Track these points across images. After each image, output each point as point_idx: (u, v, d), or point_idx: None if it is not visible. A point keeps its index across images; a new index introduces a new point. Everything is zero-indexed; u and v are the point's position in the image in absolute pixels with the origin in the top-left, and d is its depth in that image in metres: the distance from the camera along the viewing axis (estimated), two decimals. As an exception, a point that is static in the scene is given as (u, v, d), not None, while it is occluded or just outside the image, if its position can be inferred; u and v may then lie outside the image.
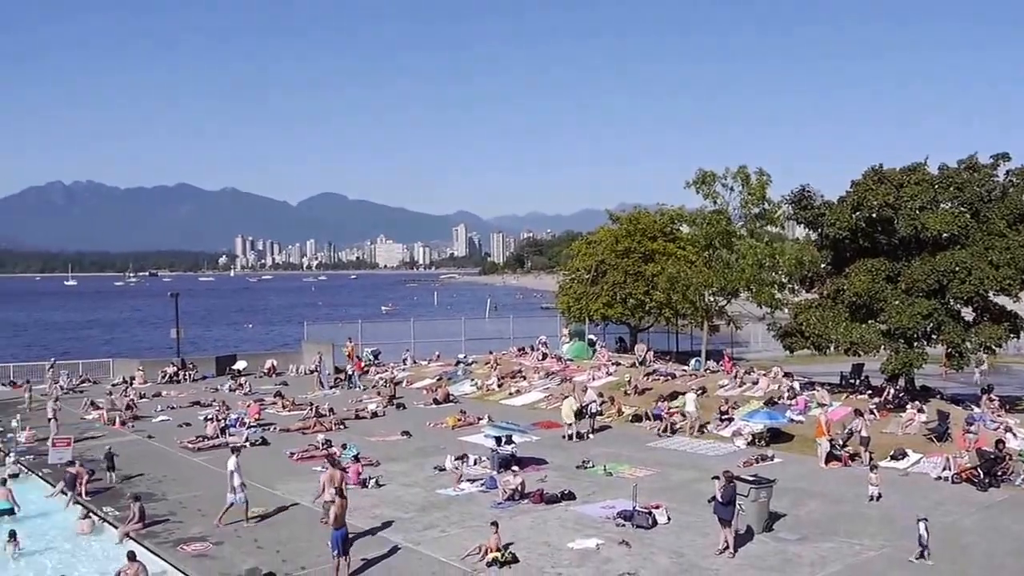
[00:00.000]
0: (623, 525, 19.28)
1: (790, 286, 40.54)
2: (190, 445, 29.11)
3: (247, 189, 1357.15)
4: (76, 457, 25.77)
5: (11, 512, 22.06)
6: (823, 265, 35.06)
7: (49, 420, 31.16)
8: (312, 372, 45.42)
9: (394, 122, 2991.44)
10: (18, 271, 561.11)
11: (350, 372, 43.60)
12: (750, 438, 28.26)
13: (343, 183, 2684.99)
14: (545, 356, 44.45)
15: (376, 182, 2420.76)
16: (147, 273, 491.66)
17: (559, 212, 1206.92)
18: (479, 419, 31.72)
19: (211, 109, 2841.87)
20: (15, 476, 24.86)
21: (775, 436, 28.11)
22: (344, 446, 27.11)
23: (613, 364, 41.22)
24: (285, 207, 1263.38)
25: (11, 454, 27.87)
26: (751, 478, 19.46)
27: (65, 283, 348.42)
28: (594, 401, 31.36)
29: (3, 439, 30.57)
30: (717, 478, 17.78)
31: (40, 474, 25.98)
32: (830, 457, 25.22)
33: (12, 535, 19.12)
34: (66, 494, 22.94)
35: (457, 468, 24.36)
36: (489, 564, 16.79)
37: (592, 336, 49.00)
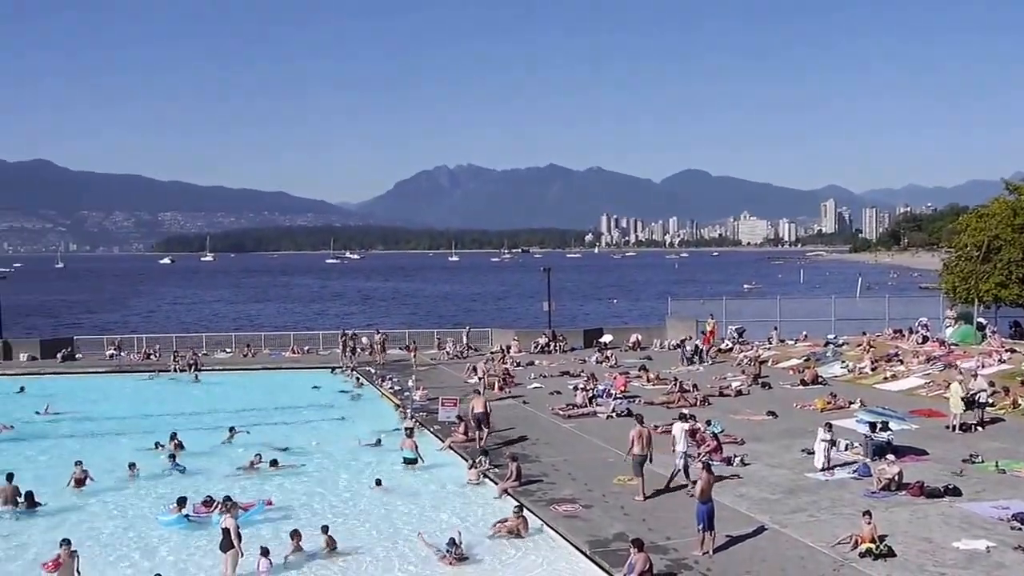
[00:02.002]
0: (1020, 529, 17.35)
1: None
2: (561, 412, 30.64)
3: (612, 168, 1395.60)
4: (461, 415, 28.33)
5: (415, 461, 24.73)
6: None
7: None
8: (676, 348, 45.79)
9: (758, 96, 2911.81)
10: (410, 247, 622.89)
11: (700, 347, 43.46)
12: None
13: (706, 159, 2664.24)
14: (926, 339, 41.07)
15: (741, 157, 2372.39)
16: (520, 250, 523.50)
17: (940, 184, 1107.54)
18: (850, 403, 30.10)
19: (575, 92, 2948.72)
20: (410, 432, 27.65)
21: None
22: (708, 423, 27.01)
23: (1007, 351, 37.09)
24: (649, 185, 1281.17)
25: (409, 410, 31.17)
26: None
27: (449, 259, 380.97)
28: (984, 390, 28.44)
29: (402, 397, 34.24)
30: None
31: (431, 430, 28.78)
32: None
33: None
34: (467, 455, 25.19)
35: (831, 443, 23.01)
36: (862, 555, 15.89)
37: (981, 319, 44.43)
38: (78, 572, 15.32)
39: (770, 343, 45.95)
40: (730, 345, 45.85)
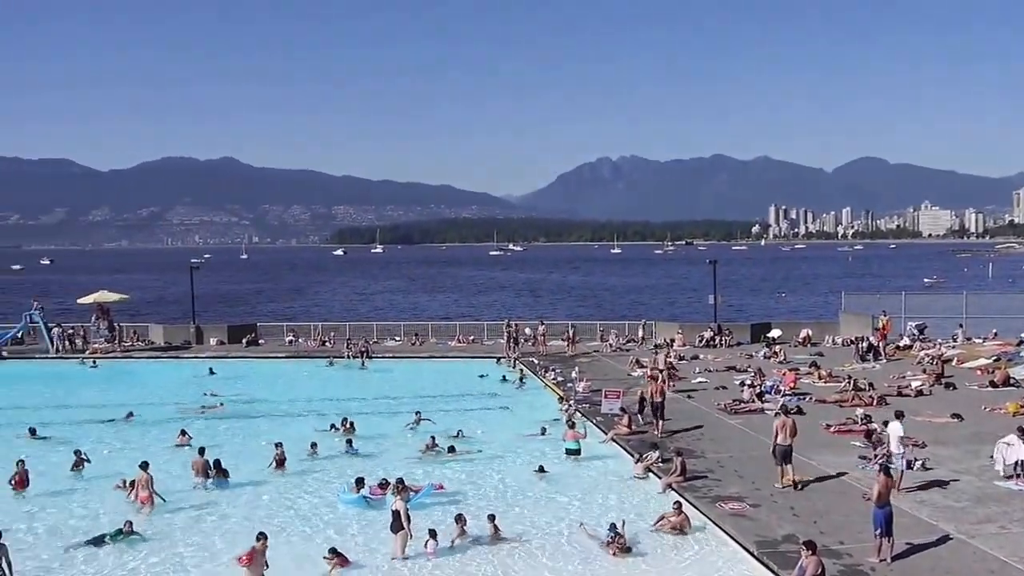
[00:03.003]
0: None
1: None
2: (727, 408, 29.98)
3: (780, 157, 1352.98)
4: (625, 407, 28.19)
5: (578, 452, 24.85)
6: None
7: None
8: (850, 344, 43.93)
9: (941, 75, 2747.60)
10: (572, 239, 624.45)
11: (876, 344, 41.38)
12: None
13: (884, 146, 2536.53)
14: None
15: (922, 143, 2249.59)
16: (683, 242, 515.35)
17: None
18: (1046, 407, 28.02)
19: (740, 80, 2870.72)
20: (572, 424, 27.70)
21: None
22: (886, 423, 25.76)
23: None
24: (820, 174, 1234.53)
25: (571, 401, 31.28)
26: None
27: (611, 251, 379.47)
28: None
29: (565, 388, 34.39)
30: None
31: (594, 421, 28.76)
32: None
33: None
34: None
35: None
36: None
37: None
38: (266, 562, 16.04)
39: (954, 341, 43.33)
40: (909, 343, 43.57)
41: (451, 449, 25.37)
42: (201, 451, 23.45)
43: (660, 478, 21.61)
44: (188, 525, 19.62)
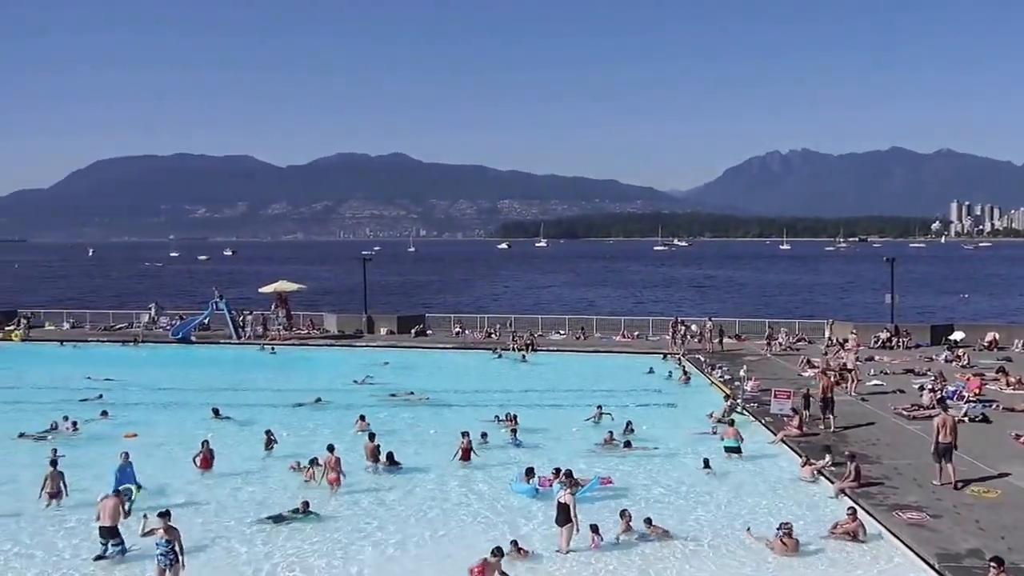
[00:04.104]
0: None
1: None
2: (904, 412, 28.57)
3: (964, 150, 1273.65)
4: (796, 407, 27.39)
5: (738, 450, 24.32)
6: None
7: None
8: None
9: None
10: (739, 235, 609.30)
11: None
12: None
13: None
14: None
15: None
16: (856, 239, 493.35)
17: None
18: None
19: (918, 69, 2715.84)
20: (732, 422, 27.08)
21: None
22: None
23: None
24: (1008, 168, 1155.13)
25: (739, 400, 30.63)
26: None
27: (780, 247, 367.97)
28: None
29: (731, 386, 33.68)
30: None
31: (763, 421, 28.05)
32: None
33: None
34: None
35: None
36: None
37: None
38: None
39: None
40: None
41: (627, 444, 25.36)
42: (371, 436, 24.35)
43: (832, 483, 20.87)
44: (359, 508, 20.45)
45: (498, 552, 15.47)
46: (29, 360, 45.35)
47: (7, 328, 52.84)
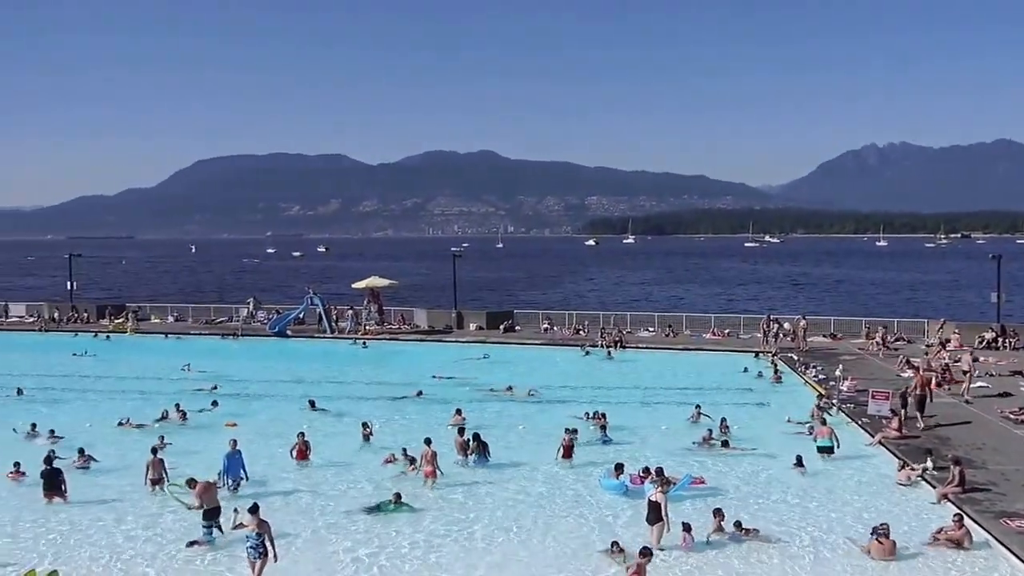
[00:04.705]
0: None
1: None
2: (1012, 416, 27.45)
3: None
4: (894, 408, 26.62)
5: (830, 450, 23.78)
6: None
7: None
8: None
9: None
10: (833, 231, 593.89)
11: None
12: None
13: None
14: None
15: None
16: (958, 235, 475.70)
17: None
18: None
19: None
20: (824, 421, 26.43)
21: None
22: None
23: None
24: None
25: (834, 400, 29.91)
26: None
27: (877, 243, 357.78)
28: None
29: (827, 386, 32.89)
30: None
31: (859, 423, 27.32)
32: None
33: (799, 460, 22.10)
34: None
35: None
36: None
37: None
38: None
39: None
40: None
41: (725, 443, 25.04)
42: (461, 431, 24.59)
43: (934, 487, 20.22)
44: (450, 501, 20.66)
45: (646, 552, 15.36)
46: (139, 351, 47.37)
47: (116, 320, 55.06)
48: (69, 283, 66.44)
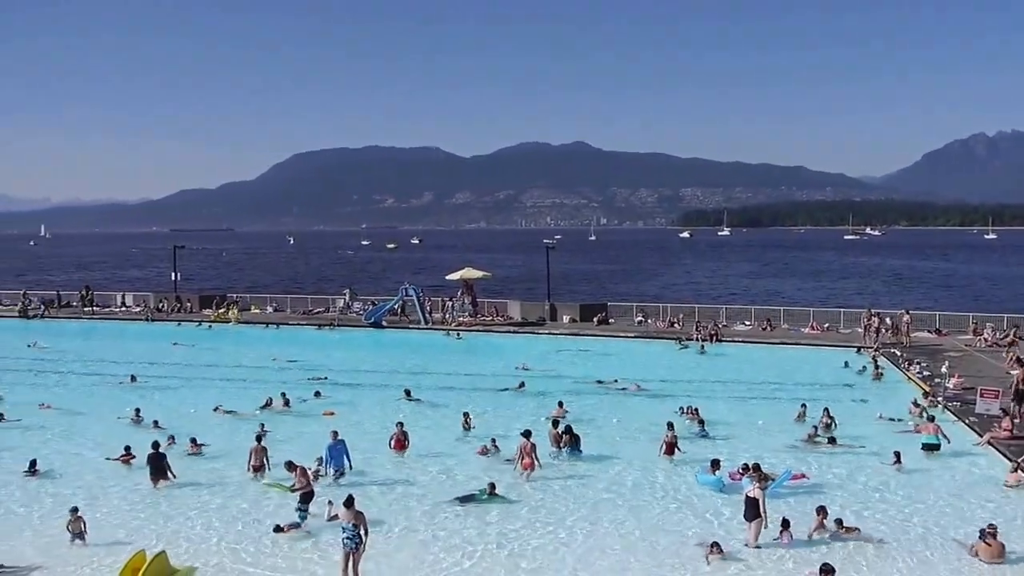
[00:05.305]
0: None
1: None
2: None
3: None
4: (1004, 408, 25.65)
5: (936, 447, 23.08)
6: None
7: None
8: None
9: None
10: (938, 223, 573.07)
11: None
12: None
13: None
14: None
15: None
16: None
17: None
18: None
19: None
20: (932, 418, 25.61)
21: None
22: None
23: None
24: None
25: (939, 397, 28.94)
26: None
27: (985, 236, 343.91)
28: None
29: (931, 383, 31.82)
30: None
31: (967, 422, 26.38)
32: None
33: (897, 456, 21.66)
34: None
35: None
36: None
37: None
38: None
39: None
40: None
41: (831, 440, 24.43)
42: (555, 423, 24.66)
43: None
44: (543, 493, 20.77)
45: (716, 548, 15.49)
46: (242, 340, 48.91)
47: (219, 311, 56.87)
48: (173, 274, 68.92)
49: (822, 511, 17.49)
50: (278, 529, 17.90)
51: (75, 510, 17.76)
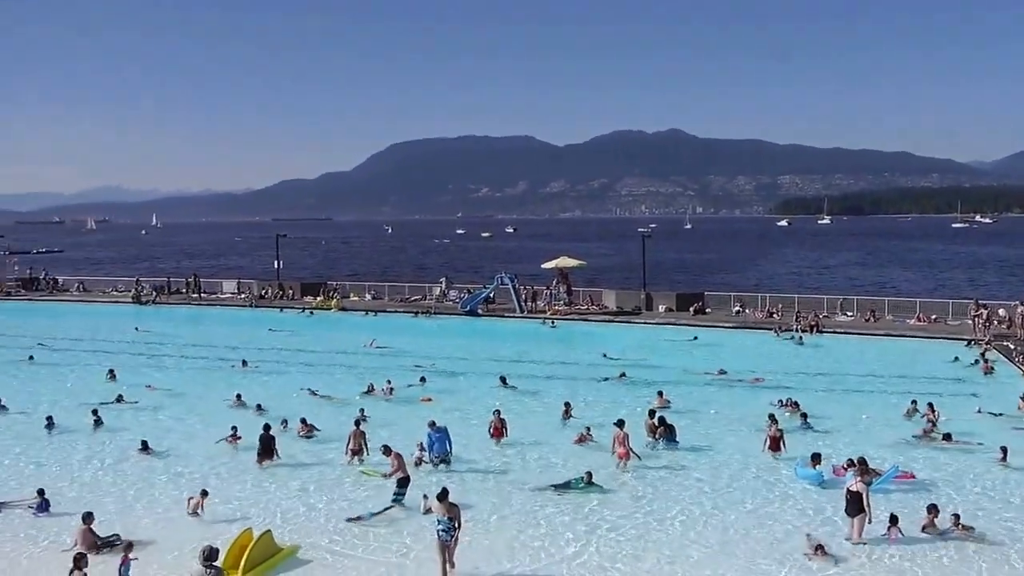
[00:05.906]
0: None
1: None
2: None
3: None
4: None
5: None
6: None
7: None
8: None
9: None
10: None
11: None
12: None
13: None
14: None
15: None
16: None
17: None
18: None
19: None
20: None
21: None
22: None
23: None
24: None
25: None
26: None
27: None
28: None
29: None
30: None
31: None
32: None
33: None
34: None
35: None
36: None
37: None
38: None
39: None
40: None
41: (947, 437, 23.58)
42: (651, 413, 24.54)
43: None
44: (639, 482, 20.72)
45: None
46: (343, 327, 50.00)
47: (319, 298, 58.25)
48: (276, 262, 70.76)
49: (933, 510, 16.95)
50: (351, 520, 18.14)
51: (205, 493, 18.73)
